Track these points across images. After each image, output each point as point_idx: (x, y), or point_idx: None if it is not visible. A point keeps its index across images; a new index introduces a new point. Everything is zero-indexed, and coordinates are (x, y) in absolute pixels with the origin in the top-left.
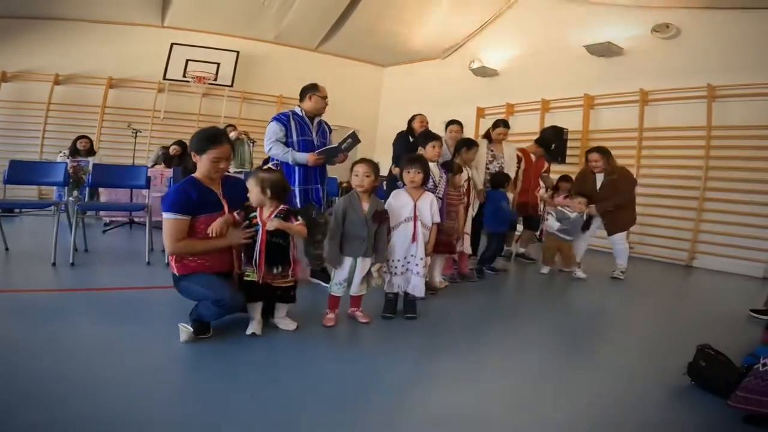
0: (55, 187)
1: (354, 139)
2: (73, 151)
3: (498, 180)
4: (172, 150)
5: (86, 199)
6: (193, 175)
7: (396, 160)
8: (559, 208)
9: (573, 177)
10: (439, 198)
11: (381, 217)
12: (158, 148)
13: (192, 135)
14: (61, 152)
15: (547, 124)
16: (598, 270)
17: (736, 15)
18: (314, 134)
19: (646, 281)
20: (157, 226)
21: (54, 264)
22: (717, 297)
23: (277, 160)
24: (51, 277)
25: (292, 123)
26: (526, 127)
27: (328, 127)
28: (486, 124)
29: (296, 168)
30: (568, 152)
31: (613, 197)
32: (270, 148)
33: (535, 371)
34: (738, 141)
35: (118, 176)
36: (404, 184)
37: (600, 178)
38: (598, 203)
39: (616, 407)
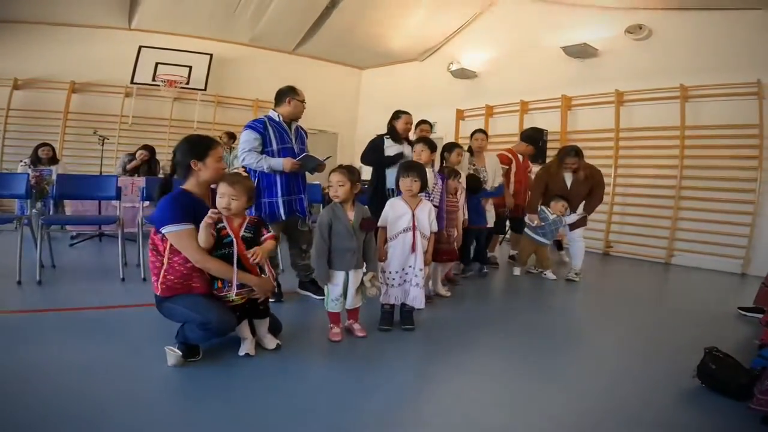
0: (16, 200)
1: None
2: (35, 160)
3: (473, 185)
4: (140, 155)
5: (51, 212)
6: (182, 187)
7: (368, 164)
8: (540, 208)
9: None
10: (435, 206)
11: (369, 225)
12: (123, 155)
13: (181, 146)
14: (22, 161)
15: (526, 126)
16: (589, 272)
17: (705, 16)
18: (293, 141)
19: (628, 280)
20: (130, 239)
21: (19, 282)
22: (701, 295)
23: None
24: (17, 297)
25: (270, 130)
26: (505, 129)
27: (305, 132)
28: (465, 125)
29: (278, 178)
30: (547, 153)
31: (595, 196)
32: (243, 158)
33: (538, 377)
34: (711, 140)
35: (85, 187)
36: (399, 192)
37: (566, 176)
38: (586, 206)
39: (625, 410)
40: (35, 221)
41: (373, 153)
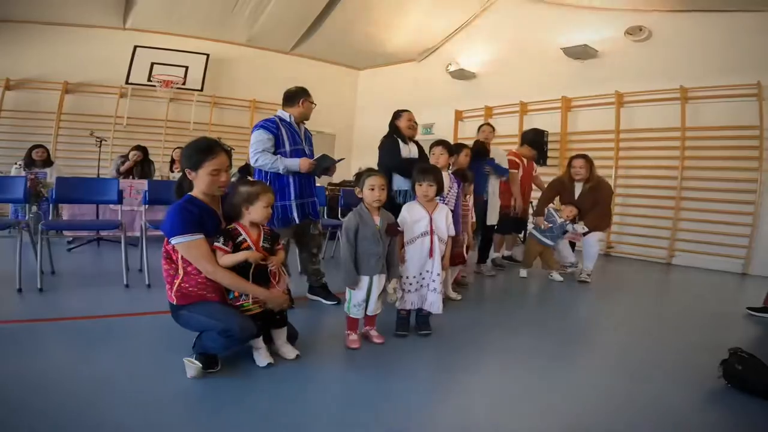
0: (10, 204)
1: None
2: (29, 162)
3: (480, 149)
4: (133, 156)
5: (50, 216)
6: (190, 193)
7: (388, 169)
8: (549, 209)
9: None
10: (451, 210)
11: (394, 230)
12: (117, 157)
13: (182, 150)
14: (16, 163)
15: (525, 127)
16: (593, 272)
17: (705, 17)
18: (303, 142)
19: (633, 281)
20: (132, 243)
21: (20, 290)
22: (705, 295)
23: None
24: (19, 305)
25: (283, 131)
26: (505, 130)
27: (310, 133)
28: (464, 127)
29: (291, 181)
30: (548, 154)
31: (598, 209)
32: (257, 159)
33: (555, 380)
34: (711, 141)
35: (86, 190)
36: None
37: (577, 187)
38: (587, 218)
39: (651, 410)
40: (33, 226)
41: (397, 156)
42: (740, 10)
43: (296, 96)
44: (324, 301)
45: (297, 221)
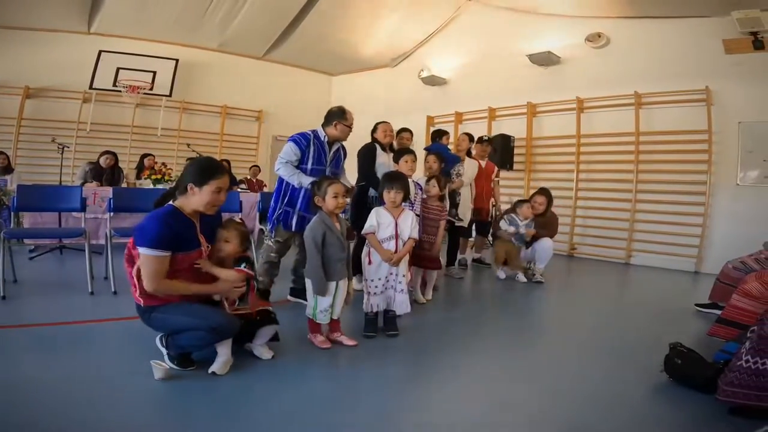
0: None
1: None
2: None
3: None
4: (105, 160)
5: (11, 224)
6: (172, 204)
7: (363, 176)
8: (511, 215)
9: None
10: (417, 215)
11: (350, 234)
12: (84, 164)
13: (189, 166)
14: None
15: (494, 132)
16: (556, 273)
17: (658, 24)
18: (328, 162)
19: (592, 281)
20: (97, 251)
21: None
22: (659, 293)
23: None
24: None
25: (311, 149)
26: (474, 135)
27: (344, 152)
28: None
29: (302, 194)
30: (514, 159)
31: (545, 232)
32: (279, 168)
33: (513, 377)
34: (663, 146)
35: (48, 198)
36: (382, 202)
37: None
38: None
39: (600, 404)
40: None
41: (371, 160)
42: (690, 16)
43: (332, 117)
44: (305, 302)
45: (293, 229)
